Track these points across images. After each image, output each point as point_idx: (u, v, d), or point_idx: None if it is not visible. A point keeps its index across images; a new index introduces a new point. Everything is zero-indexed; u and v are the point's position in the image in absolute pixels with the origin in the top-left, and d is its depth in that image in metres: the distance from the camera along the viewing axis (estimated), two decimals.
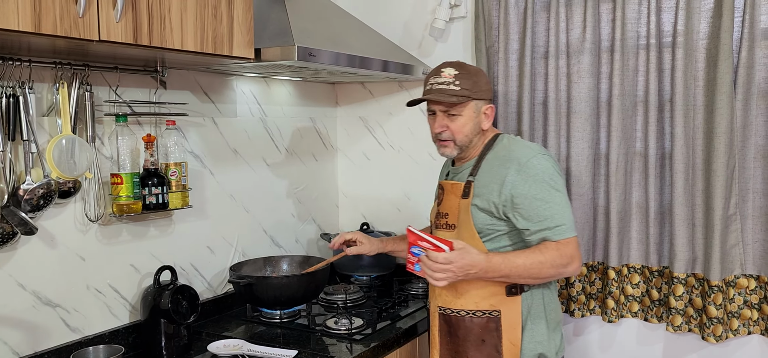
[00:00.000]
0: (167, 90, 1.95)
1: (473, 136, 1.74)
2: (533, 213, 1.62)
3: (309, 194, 2.57)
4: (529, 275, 1.61)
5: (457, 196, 1.76)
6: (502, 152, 1.72)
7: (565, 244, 1.61)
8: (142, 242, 1.91)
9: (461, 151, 1.76)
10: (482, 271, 1.59)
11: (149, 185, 1.80)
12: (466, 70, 1.72)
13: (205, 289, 2.12)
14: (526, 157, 1.66)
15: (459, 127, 1.71)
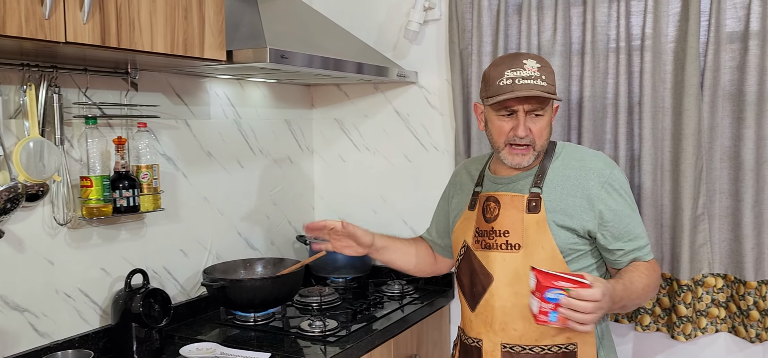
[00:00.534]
0: (139, 92, 1.94)
1: (548, 136, 1.55)
2: (624, 232, 1.50)
3: (284, 196, 2.56)
4: (640, 302, 1.50)
5: (519, 210, 1.52)
6: (574, 162, 1.55)
7: (655, 264, 1.54)
8: (113, 245, 1.89)
9: (534, 159, 1.54)
10: (611, 304, 1.38)
11: (120, 187, 1.79)
12: (546, 63, 1.51)
13: (178, 292, 2.10)
14: (606, 168, 1.53)
15: (540, 130, 1.49)
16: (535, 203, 1.51)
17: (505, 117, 1.50)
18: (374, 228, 2.50)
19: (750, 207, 1.90)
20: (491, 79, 1.50)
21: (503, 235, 1.53)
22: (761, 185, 1.90)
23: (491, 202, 1.58)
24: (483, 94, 1.55)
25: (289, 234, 2.60)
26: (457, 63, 2.30)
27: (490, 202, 1.58)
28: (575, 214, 1.49)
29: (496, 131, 1.53)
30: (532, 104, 1.46)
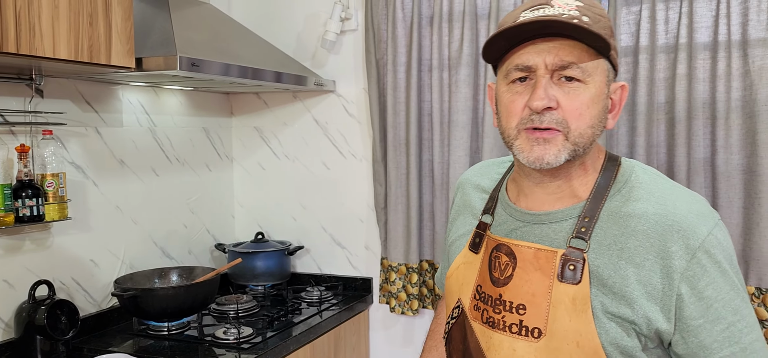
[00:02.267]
0: (44, 99, 1.89)
1: (598, 127, 0.93)
2: (718, 333, 0.88)
3: (203, 205, 2.55)
4: None
5: (547, 275, 0.94)
6: (649, 205, 0.92)
7: None
8: (17, 256, 1.83)
9: (575, 158, 0.93)
10: None
11: (23, 196, 1.74)
12: (593, 4, 0.93)
13: (88, 303, 2.06)
14: (702, 224, 0.90)
15: (579, 108, 0.89)
16: (573, 266, 0.92)
17: (519, 86, 0.92)
18: (293, 235, 2.53)
19: None
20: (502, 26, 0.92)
21: (516, 311, 0.96)
22: None
23: (502, 252, 0.99)
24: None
25: (208, 242, 2.58)
26: (374, 72, 2.36)
27: (502, 252, 0.99)
28: (634, 294, 0.89)
29: (504, 111, 0.94)
30: (561, 58, 0.88)
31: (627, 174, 0.96)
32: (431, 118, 2.30)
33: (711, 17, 1.93)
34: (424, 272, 2.35)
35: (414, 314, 2.35)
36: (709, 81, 1.95)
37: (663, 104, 2.01)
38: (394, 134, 2.34)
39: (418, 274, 2.33)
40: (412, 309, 2.34)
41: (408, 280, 2.35)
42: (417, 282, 2.33)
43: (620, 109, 0.97)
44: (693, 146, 1.98)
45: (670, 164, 2.00)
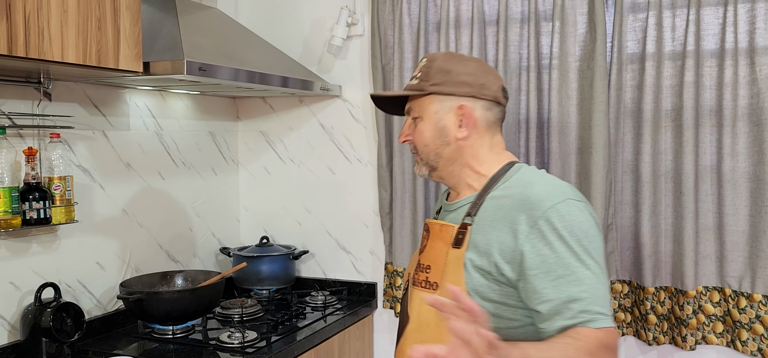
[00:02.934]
0: (52, 102, 1.90)
1: (439, 147, 1.28)
2: (551, 289, 1.10)
3: (208, 208, 2.55)
4: None
5: (446, 243, 1.27)
6: (516, 189, 1.22)
7: (596, 336, 1.06)
8: (23, 258, 1.84)
9: (436, 171, 1.32)
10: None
11: (30, 199, 1.75)
12: (443, 57, 1.31)
13: (94, 306, 2.06)
14: (547, 201, 1.15)
15: (419, 136, 1.30)
16: (461, 235, 1.23)
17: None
18: (298, 240, 2.53)
19: (647, 217, 2.03)
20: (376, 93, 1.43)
21: (425, 270, 1.30)
22: (658, 197, 2.03)
23: (425, 230, 1.37)
24: None
25: (213, 246, 2.58)
26: (380, 78, 2.36)
27: (425, 230, 1.37)
28: (491, 251, 1.18)
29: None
30: (409, 105, 1.33)
31: (513, 172, 1.28)
32: None
33: (718, 25, 1.93)
34: None
35: None
36: (716, 88, 1.95)
37: (669, 111, 2.01)
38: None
39: None
40: None
41: None
42: None
43: (468, 121, 1.28)
44: (700, 153, 1.97)
45: (677, 171, 1.99)
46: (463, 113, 1.26)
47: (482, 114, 1.28)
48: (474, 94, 1.26)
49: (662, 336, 2.04)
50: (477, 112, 1.27)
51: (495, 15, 2.20)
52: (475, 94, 1.26)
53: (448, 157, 1.28)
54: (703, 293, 2.00)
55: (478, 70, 1.29)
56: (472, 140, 1.27)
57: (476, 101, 1.26)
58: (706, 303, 1.99)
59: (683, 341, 2.00)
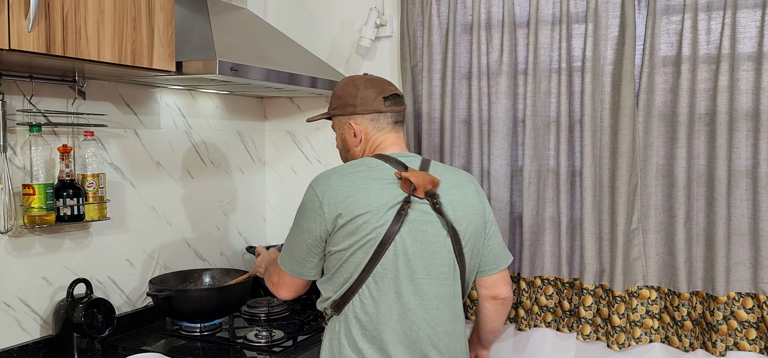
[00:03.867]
0: (86, 101, 1.93)
1: (345, 153, 1.67)
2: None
3: (235, 207, 2.57)
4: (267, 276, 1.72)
5: None
6: None
7: (274, 265, 1.64)
8: (56, 254, 1.87)
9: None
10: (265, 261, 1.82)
11: (64, 196, 1.77)
12: (340, 85, 1.65)
13: (123, 302, 2.09)
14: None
15: (336, 143, 1.70)
16: None
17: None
18: None
19: (682, 222, 2.00)
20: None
21: None
22: (692, 202, 2.00)
23: None
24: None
25: (239, 245, 2.60)
26: (409, 79, 2.36)
27: None
28: None
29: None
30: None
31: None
32: (467, 126, 2.29)
33: (755, 28, 1.90)
34: None
35: None
36: (753, 92, 1.91)
37: (704, 115, 1.98)
38: (429, 142, 2.33)
39: None
40: None
41: None
42: None
43: (358, 132, 1.60)
44: (733, 158, 1.94)
45: (710, 175, 1.96)
46: (353, 128, 1.59)
47: (368, 124, 1.58)
48: (356, 112, 1.57)
49: (697, 341, 2.01)
50: (364, 125, 1.58)
51: (526, 17, 2.18)
52: (358, 112, 1.57)
53: (349, 158, 1.64)
54: (735, 299, 1.96)
55: (359, 90, 1.58)
56: (363, 144, 1.60)
57: (361, 116, 1.58)
58: (739, 309, 1.96)
59: (713, 346, 1.96)
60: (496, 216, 2.24)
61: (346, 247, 1.44)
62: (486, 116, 2.27)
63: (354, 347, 1.46)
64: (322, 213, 1.45)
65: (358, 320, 1.46)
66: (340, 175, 1.49)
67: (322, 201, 1.46)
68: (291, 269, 1.55)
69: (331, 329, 1.52)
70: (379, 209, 1.43)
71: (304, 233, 1.49)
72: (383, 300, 1.44)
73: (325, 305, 1.54)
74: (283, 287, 1.61)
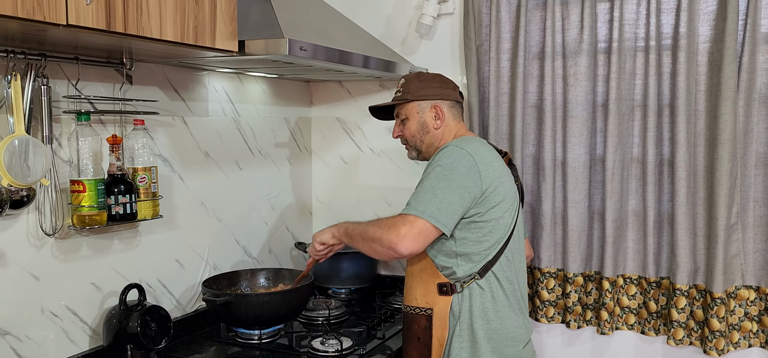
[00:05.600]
0: (133, 85, 1.74)
1: (422, 135, 1.71)
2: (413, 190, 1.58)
3: (283, 201, 2.38)
4: (359, 234, 1.61)
5: None
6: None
7: (398, 215, 1.52)
8: (105, 257, 1.68)
9: (420, 154, 1.75)
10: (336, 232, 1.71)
11: (115, 192, 1.59)
12: (415, 76, 1.73)
13: (174, 307, 1.91)
14: (441, 149, 1.59)
15: (407, 129, 1.72)
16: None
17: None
18: None
19: None
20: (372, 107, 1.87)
21: None
22: None
23: None
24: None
25: (287, 241, 2.42)
26: (474, 61, 2.16)
27: None
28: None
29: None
30: (398, 110, 1.74)
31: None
32: (539, 111, 2.10)
33: None
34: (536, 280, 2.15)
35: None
36: None
37: None
38: (497, 128, 2.14)
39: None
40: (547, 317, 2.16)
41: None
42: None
43: (440, 115, 1.68)
44: None
45: None
46: (436, 111, 1.68)
47: (448, 110, 1.70)
48: (441, 97, 1.69)
49: None
50: (445, 109, 1.69)
51: None
52: (442, 97, 1.69)
53: (428, 143, 1.70)
54: None
55: (440, 81, 1.72)
56: (443, 129, 1.69)
57: (443, 102, 1.69)
58: None
59: None
60: (574, 210, 2.06)
61: (500, 209, 1.55)
62: (561, 100, 2.08)
63: (505, 302, 1.59)
64: (478, 174, 1.52)
65: (507, 278, 1.59)
66: (476, 142, 1.61)
67: (477, 162, 1.53)
68: (435, 218, 1.49)
69: (470, 296, 1.58)
70: (508, 175, 1.62)
71: (460, 189, 1.51)
72: (515, 257, 1.63)
73: (466, 270, 1.56)
74: (412, 238, 1.49)
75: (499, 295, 1.59)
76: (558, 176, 2.10)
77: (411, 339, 1.67)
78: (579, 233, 2.06)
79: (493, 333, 1.59)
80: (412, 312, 1.66)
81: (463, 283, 1.58)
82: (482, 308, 1.58)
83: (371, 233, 1.54)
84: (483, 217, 1.54)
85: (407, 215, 1.50)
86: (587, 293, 2.10)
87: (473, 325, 1.58)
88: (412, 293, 1.66)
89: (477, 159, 1.53)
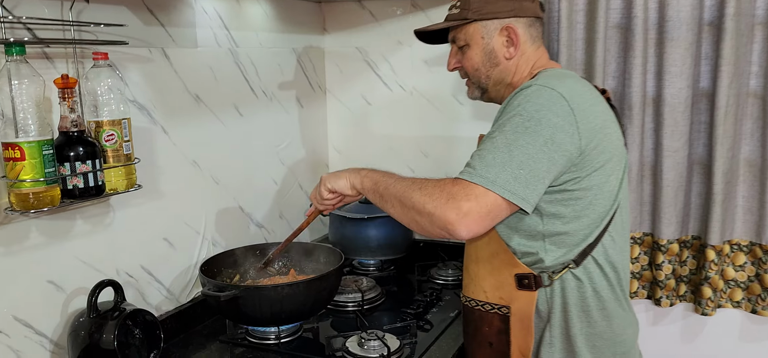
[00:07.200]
0: (90, 4, 1.24)
1: (489, 68, 1.26)
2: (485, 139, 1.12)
3: (294, 153, 1.92)
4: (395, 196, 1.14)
5: None
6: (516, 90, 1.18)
7: (457, 181, 1.07)
8: (65, 243, 1.23)
9: (486, 93, 1.30)
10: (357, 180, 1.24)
11: (71, 158, 1.12)
12: None
13: (164, 299, 1.47)
14: (522, 87, 1.14)
15: (468, 60, 1.28)
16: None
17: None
18: None
19: None
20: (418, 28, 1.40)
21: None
22: None
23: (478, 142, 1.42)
24: None
25: (301, 203, 1.97)
26: None
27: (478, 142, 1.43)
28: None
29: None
30: (453, 34, 1.30)
31: (540, 74, 1.19)
32: (625, 33, 1.63)
33: None
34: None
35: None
36: None
37: None
38: (569, 56, 1.68)
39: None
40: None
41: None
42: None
43: (514, 40, 1.23)
44: None
45: None
46: (508, 34, 1.25)
47: (525, 31, 1.25)
48: (515, 13, 1.24)
49: None
50: (520, 30, 1.24)
51: None
52: (517, 13, 1.24)
53: (497, 78, 1.27)
54: None
55: None
56: (517, 58, 1.25)
57: (518, 20, 1.24)
58: None
59: None
60: (670, 160, 1.62)
61: (604, 173, 1.13)
62: (656, 19, 1.61)
63: (611, 295, 1.18)
64: (575, 125, 1.08)
65: (611, 264, 1.18)
66: (569, 77, 1.17)
67: (574, 108, 1.09)
68: (511, 190, 1.05)
69: (564, 290, 1.17)
70: (614, 123, 1.19)
71: (549, 147, 1.06)
72: (620, 235, 1.20)
73: (556, 257, 1.15)
74: (478, 219, 1.05)
75: (602, 286, 1.18)
76: (649, 117, 1.65)
77: (479, 344, 1.27)
78: (676, 189, 1.63)
79: (596, 338, 1.18)
80: (479, 309, 1.25)
81: (551, 273, 1.16)
82: (581, 305, 1.18)
83: (416, 200, 1.09)
84: (581, 184, 1.12)
85: (470, 183, 1.05)
86: (681, 262, 1.68)
87: (569, 329, 1.18)
88: (479, 283, 1.25)
89: (573, 104, 1.09)
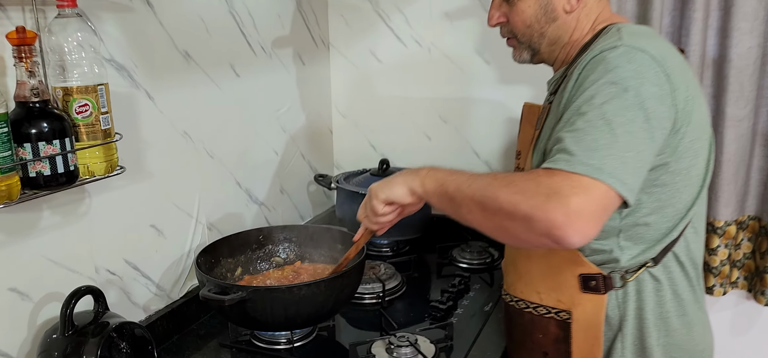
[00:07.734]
0: None
1: (545, 24, 1.05)
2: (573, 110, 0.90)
3: (296, 118, 1.68)
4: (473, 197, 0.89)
5: (532, 125, 1.18)
6: (595, 50, 0.94)
7: (554, 172, 0.83)
8: (30, 241, 0.99)
9: (536, 56, 1.10)
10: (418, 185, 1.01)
11: (33, 136, 0.87)
12: None
13: (153, 296, 1.24)
14: (605, 48, 0.92)
15: (517, 14, 1.06)
16: (542, 115, 1.08)
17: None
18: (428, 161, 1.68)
19: None
20: None
21: (517, 157, 1.29)
22: None
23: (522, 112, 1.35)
24: None
25: (304, 174, 1.74)
26: None
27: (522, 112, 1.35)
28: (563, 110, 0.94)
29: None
30: None
31: (604, 33, 1.00)
32: None
33: None
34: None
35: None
36: None
37: None
38: (619, 7, 1.46)
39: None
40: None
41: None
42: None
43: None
44: None
45: None
46: None
47: None
48: None
49: None
50: None
51: None
52: None
53: (553, 37, 1.06)
54: None
55: None
56: (579, 11, 1.04)
57: None
58: None
59: None
60: (733, 131, 1.43)
61: (694, 150, 0.94)
62: None
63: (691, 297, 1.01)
64: (671, 96, 0.89)
65: (692, 260, 1.00)
66: (659, 38, 0.98)
67: (670, 75, 0.89)
68: (622, 180, 0.82)
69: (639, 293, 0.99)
70: (700, 89, 0.99)
71: (651, 122, 0.86)
72: (702, 225, 1.03)
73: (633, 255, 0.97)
74: (592, 218, 0.80)
75: (683, 288, 1.00)
76: (708, 80, 1.45)
77: (530, 352, 1.09)
78: (737, 164, 1.44)
79: (676, 349, 1.00)
80: (530, 312, 1.06)
81: (625, 274, 0.98)
82: (659, 311, 0.99)
83: (504, 201, 0.84)
84: (672, 167, 0.93)
85: (572, 173, 0.81)
86: (737, 246, 1.51)
87: (645, 339, 0.99)
88: (530, 281, 1.06)
89: (669, 69, 0.89)
